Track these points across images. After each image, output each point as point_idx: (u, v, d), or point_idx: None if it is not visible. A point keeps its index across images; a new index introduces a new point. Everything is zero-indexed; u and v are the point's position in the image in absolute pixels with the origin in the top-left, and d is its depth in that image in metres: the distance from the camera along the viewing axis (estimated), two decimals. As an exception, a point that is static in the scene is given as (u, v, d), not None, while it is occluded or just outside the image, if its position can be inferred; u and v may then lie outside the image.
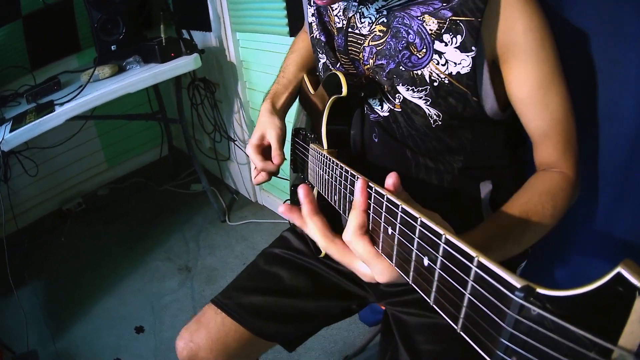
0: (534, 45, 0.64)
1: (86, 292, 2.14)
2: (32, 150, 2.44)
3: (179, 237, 2.46)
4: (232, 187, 2.83)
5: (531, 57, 0.65)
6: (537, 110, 0.68)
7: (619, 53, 0.74)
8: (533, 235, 0.64)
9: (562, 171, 0.70)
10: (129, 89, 1.91)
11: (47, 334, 1.91)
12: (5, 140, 1.64)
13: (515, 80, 0.67)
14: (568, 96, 0.68)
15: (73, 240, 2.56)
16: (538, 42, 0.64)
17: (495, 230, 0.62)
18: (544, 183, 0.68)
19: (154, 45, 2.02)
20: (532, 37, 0.64)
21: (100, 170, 3.02)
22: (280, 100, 0.97)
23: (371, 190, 0.52)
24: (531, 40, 0.64)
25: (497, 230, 0.62)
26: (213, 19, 2.18)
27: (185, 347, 0.94)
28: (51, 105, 1.78)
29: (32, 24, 2.24)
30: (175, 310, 1.97)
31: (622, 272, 0.24)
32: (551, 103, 0.67)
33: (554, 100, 0.67)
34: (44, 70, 2.30)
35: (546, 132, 0.69)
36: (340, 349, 1.69)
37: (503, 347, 0.31)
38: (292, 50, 1.06)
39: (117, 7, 1.99)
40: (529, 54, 0.65)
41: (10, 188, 1.99)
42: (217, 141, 2.57)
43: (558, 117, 0.68)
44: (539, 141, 0.71)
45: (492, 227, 0.63)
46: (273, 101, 0.96)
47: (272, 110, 0.94)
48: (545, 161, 0.72)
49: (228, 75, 2.31)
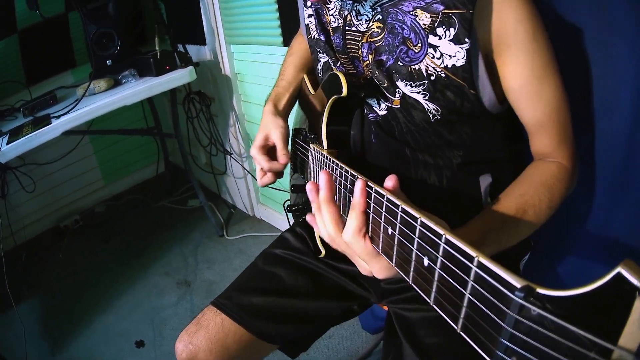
0: (525, 36, 0.64)
1: (85, 308, 2.13)
2: (29, 166, 2.44)
3: (177, 252, 2.45)
4: (229, 202, 2.83)
5: (524, 48, 0.65)
6: (532, 101, 0.69)
7: (612, 46, 0.74)
8: (529, 228, 0.65)
9: (559, 161, 0.70)
10: (125, 102, 1.92)
11: (46, 349, 1.90)
12: (2, 152, 1.64)
13: (509, 72, 0.68)
14: (562, 87, 0.68)
15: (71, 256, 2.54)
16: (530, 32, 0.64)
17: (491, 224, 0.63)
18: (541, 174, 0.69)
19: (149, 59, 2.03)
20: (523, 28, 0.64)
21: (97, 187, 3.02)
22: (282, 101, 0.97)
23: (371, 190, 0.52)
24: (523, 31, 0.64)
25: (492, 224, 0.63)
26: (207, 32, 2.19)
27: (184, 349, 0.92)
28: (48, 118, 1.79)
29: (28, 39, 2.25)
30: (175, 324, 1.96)
31: (622, 272, 0.25)
32: (545, 93, 0.68)
33: (548, 91, 0.68)
34: (40, 86, 2.31)
35: (541, 123, 0.70)
36: (343, 357, 1.68)
37: (503, 347, 0.30)
38: (290, 53, 1.06)
39: (112, 20, 2.00)
40: (522, 45, 0.65)
41: (7, 204, 1.98)
42: (213, 154, 2.57)
43: (552, 108, 0.68)
44: (535, 132, 0.72)
45: (487, 221, 0.64)
46: (275, 103, 0.96)
47: (274, 112, 0.94)
48: (541, 152, 0.72)
49: (223, 88, 2.32)
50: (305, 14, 0.92)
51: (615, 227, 0.84)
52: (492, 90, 0.70)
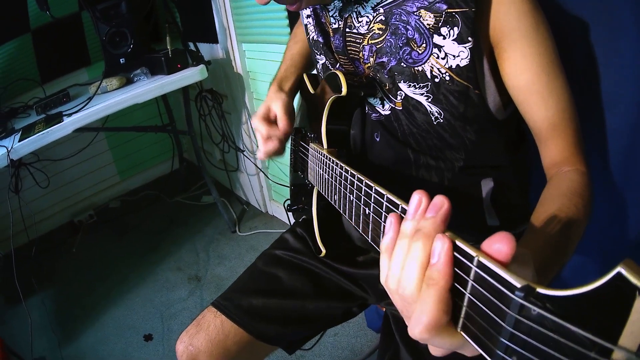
0: (531, 28, 0.63)
1: (95, 301, 2.16)
2: (43, 162, 2.47)
3: (190, 248, 2.47)
4: (242, 198, 2.84)
5: (530, 41, 0.63)
6: (543, 99, 0.65)
7: (614, 44, 0.73)
8: (577, 239, 0.58)
9: (577, 168, 0.66)
10: (136, 100, 1.95)
11: (55, 342, 1.93)
12: (15, 149, 1.67)
13: (515, 68, 0.65)
14: (568, 84, 0.66)
15: (84, 251, 2.58)
16: (534, 25, 0.63)
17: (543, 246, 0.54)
18: (568, 186, 0.63)
19: (161, 57, 2.05)
20: (527, 20, 0.63)
21: (113, 183, 3.05)
22: (287, 83, 0.97)
23: (370, 190, 0.52)
24: (527, 24, 0.63)
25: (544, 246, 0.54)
26: (219, 30, 2.21)
27: (185, 350, 0.93)
28: (60, 116, 1.82)
29: (41, 38, 2.28)
30: (185, 319, 1.98)
31: (622, 272, 0.25)
32: (556, 89, 0.65)
33: (558, 86, 0.65)
34: (54, 84, 2.35)
35: (554, 123, 0.66)
36: (347, 355, 1.68)
37: (503, 347, 0.30)
38: (295, 41, 1.05)
39: (125, 20, 2.02)
40: (527, 38, 0.63)
41: (21, 199, 2.01)
42: (225, 152, 2.59)
43: (564, 106, 0.65)
44: (548, 136, 0.67)
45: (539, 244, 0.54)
46: (280, 84, 0.96)
47: (278, 90, 0.94)
48: (557, 159, 0.67)
49: (235, 86, 2.33)
50: (303, 14, 0.91)
51: (616, 227, 0.83)
52: (496, 91, 0.69)
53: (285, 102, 0.91)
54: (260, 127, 0.90)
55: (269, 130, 0.89)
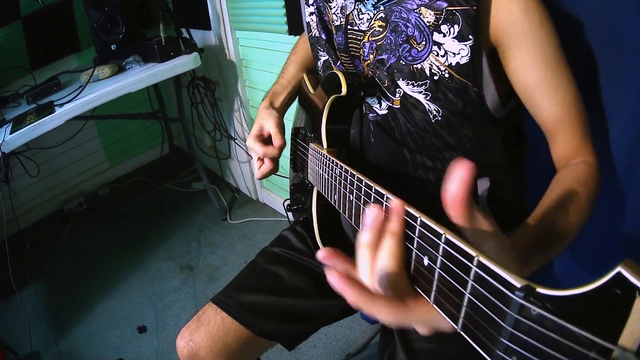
0: (536, 26, 0.63)
1: (88, 293, 2.15)
2: (32, 150, 2.44)
3: (181, 236, 2.46)
4: (233, 185, 2.83)
5: (535, 39, 0.63)
6: (550, 95, 0.66)
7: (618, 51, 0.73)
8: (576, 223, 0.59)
9: (585, 159, 0.66)
10: (129, 89, 1.92)
11: (50, 335, 1.92)
12: (6, 142, 1.64)
13: (521, 65, 0.66)
14: (574, 78, 0.66)
15: (75, 240, 2.57)
16: (538, 23, 0.63)
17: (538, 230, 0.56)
18: (571, 175, 0.64)
19: (154, 45, 2.02)
20: (532, 18, 0.63)
21: (101, 170, 3.02)
22: (278, 99, 0.98)
23: (370, 190, 0.52)
24: (532, 21, 0.63)
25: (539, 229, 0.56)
26: (212, 17, 2.18)
27: (185, 346, 0.94)
28: (51, 106, 1.78)
29: (31, 25, 2.23)
30: (178, 310, 1.98)
31: (622, 271, 0.24)
32: (562, 84, 0.65)
33: (565, 82, 0.65)
34: (44, 71, 2.30)
35: (562, 118, 0.67)
36: (342, 346, 1.70)
37: (503, 347, 0.30)
38: (294, 51, 1.06)
39: (117, 6, 1.99)
40: (532, 36, 0.63)
41: (11, 189, 1.99)
42: (217, 140, 2.57)
43: (571, 99, 0.66)
44: (556, 131, 0.68)
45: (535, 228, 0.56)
46: (271, 100, 0.98)
47: (269, 107, 0.96)
48: (566, 152, 0.68)
49: (228, 74, 2.31)
50: (306, 11, 0.91)
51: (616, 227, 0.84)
52: (495, 89, 0.69)
53: (276, 120, 0.93)
54: (256, 148, 0.91)
55: (265, 150, 0.90)
